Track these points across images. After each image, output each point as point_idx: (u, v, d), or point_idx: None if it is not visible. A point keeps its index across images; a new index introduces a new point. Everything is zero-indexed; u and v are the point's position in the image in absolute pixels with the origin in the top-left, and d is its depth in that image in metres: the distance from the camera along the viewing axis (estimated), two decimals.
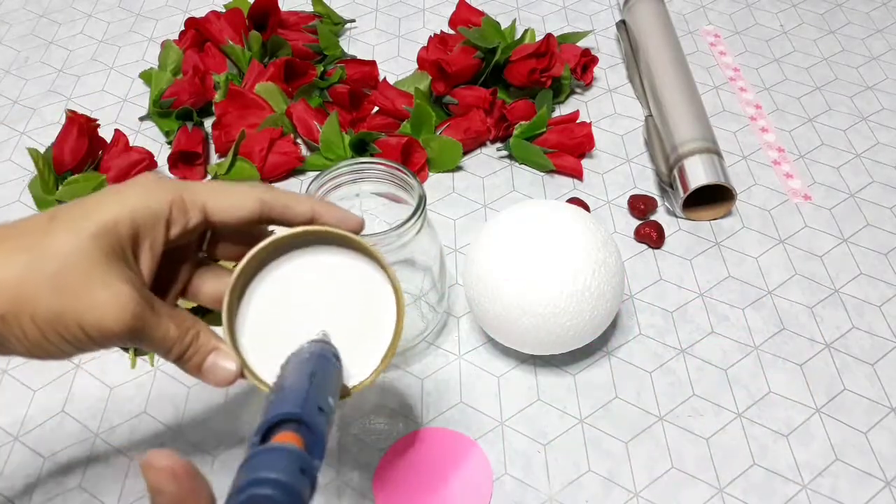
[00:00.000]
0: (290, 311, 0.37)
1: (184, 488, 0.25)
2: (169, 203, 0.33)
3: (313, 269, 0.37)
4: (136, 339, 0.32)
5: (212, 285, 0.37)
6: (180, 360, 0.35)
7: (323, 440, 0.29)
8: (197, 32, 0.77)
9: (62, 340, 0.31)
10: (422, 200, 0.47)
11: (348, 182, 0.50)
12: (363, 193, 0.52)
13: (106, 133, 0.68)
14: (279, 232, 0.36)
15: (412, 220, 0.47)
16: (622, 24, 0.81)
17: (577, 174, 0.68)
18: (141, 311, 0.32)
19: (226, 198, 0.35)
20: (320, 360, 0.33)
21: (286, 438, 0.27)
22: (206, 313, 0.43)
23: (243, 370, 0.35)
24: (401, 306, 0.37)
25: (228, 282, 0.35)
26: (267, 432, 0.28)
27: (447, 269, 0.55)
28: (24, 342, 0.31)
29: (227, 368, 0.35)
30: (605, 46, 0.82)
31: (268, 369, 0.35)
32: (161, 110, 0.70)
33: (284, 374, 0.32)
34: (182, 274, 0.37)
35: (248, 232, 0.37)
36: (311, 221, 0.36)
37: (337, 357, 0.34)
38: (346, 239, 0.36)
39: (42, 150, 0.66)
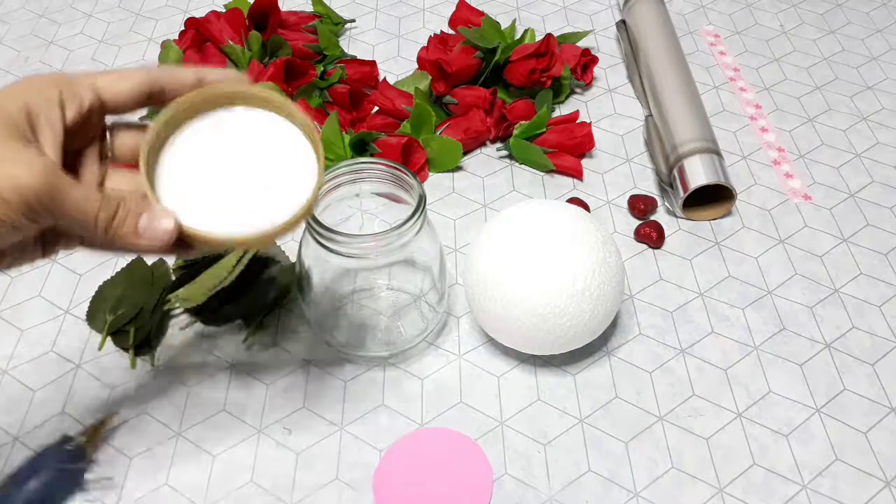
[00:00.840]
0: (209, 167, 0.38)
1: None
2: (57, 86, 0.34)
3: (222, 126, 0.38)
4: (56, 201, 0.32)
5: (125, 184, 0.37)
6: (110, 229, 0.34)
7: None
8: (197, 32, 0.77)
9: None
10: (422, 200, 0.47)
11: (348, 182, 0.50)
12: (363, 193, 0.52)
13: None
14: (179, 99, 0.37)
15: (412, 220, 0.47)
16: (622, 24, 0.81)
17: (577, 174, 0.68)
18: (52, 169, 0.32)
19: (113, 73, 0.36)
20: None
21: None
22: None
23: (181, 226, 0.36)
24: (315, 144, 0.38)
25: (142, 148, 0.36)
26: None
27: (447, 269, 0.55)
28: None
29: (164, 226, 0.35)
30: (605, 46, 0.82)
31: (198, 222, 0.36)
32: None
33: None
34: (91, 176, 0.37)
35: (147, 126, 0.38)
36: (199, 86, 0.38)
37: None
38: (246, 95, 0.38)
39: None
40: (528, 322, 0.48)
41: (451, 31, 0.77)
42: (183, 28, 0.79)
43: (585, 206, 0.64)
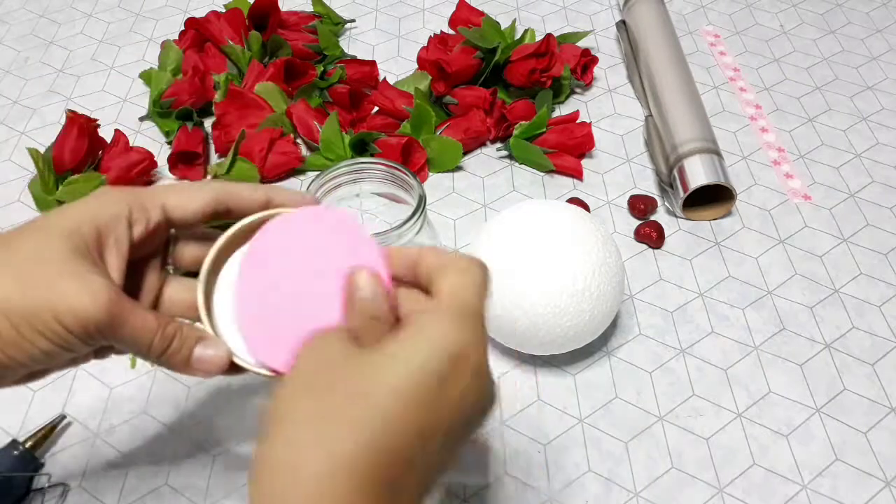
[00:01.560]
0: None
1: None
2: (128, 204, 0.34)
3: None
4: (114, 329, 0.32)
5: (184, 294, 0.37)
6: (164, 355, 0.34)
7: None
8: (197, 32, 0.77)
9: (39, 336, 0.31)
10: (422, 200, 0.47)
11: (348, 182, 0.50)
12: (363, 193, 0.52)
13: (106, 133, 0.68)
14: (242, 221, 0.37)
15: (412, 220, 0.47)
16: (622, 24, 0.81)
17: (577, 174, 0.68)
18: (116, 297, 0.32)
19: (182, 192, 0.36)
20: None
21: None
22: None
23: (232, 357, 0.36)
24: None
25: (201, 272, 0.36)
26: None
27: None
28: None
29: (216, 356, 0.35)
30: (605, 46, 0.82)
31: (252, 353, 0.36)
32: (161, 110, 0.70)
33: None
34: (151, 285, 0.37)
35: (210, 236, 0.38)
36: (266, 207, 0.37)
37: None
38: None
39: (42, 150, 0.66)
40: (528, 322, 0.48)
41: (451, 31, 0.77)
42: (183, 28, 0.79)
43: (585, 206, 0.64)
